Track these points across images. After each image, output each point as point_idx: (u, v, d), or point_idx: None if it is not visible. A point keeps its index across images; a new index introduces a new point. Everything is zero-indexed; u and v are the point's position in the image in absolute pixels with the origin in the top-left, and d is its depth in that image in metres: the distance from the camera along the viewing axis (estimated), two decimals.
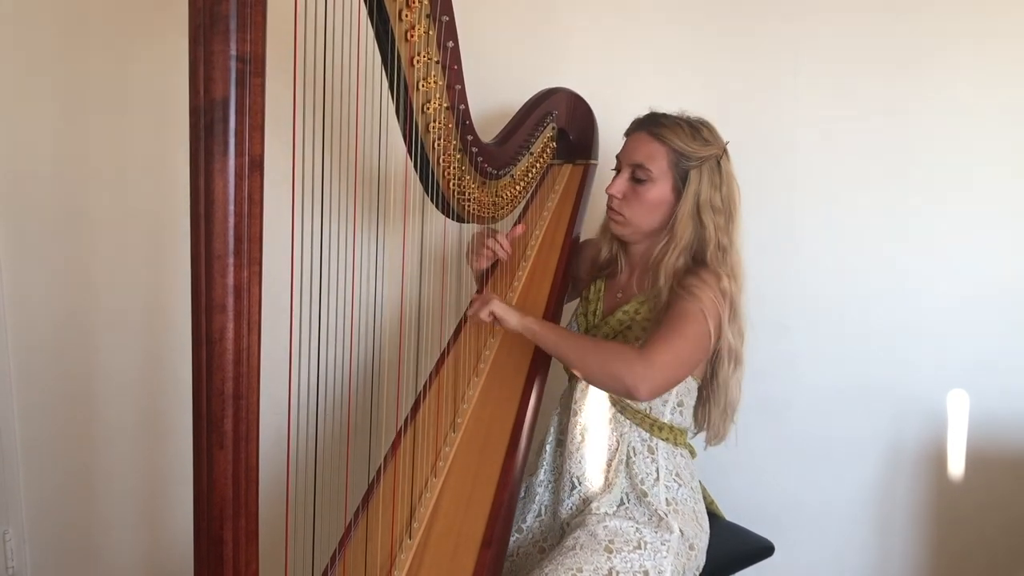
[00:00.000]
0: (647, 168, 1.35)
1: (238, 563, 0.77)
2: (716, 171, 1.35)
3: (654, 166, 1.35)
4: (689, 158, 1.34)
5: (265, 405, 0.79)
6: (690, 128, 1.35)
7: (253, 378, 0.76)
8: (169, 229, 1.99)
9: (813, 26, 1.75)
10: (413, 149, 1.23)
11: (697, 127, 1.36)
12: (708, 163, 1.34)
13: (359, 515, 1.19)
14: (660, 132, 1.35)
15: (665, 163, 1.35)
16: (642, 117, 1.41)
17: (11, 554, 2.16)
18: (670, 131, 1.35)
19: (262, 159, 0.73)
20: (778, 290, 1.80)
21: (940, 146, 1.73)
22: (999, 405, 1.76)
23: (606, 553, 1.25)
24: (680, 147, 1.34)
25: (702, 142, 1.35)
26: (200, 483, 0.76)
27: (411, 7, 1.07)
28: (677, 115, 1.39)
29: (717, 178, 1.35)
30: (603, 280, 1.50)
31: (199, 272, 0.72)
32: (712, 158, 1.35)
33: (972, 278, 1.75)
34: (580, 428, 1.39)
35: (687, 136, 1.34)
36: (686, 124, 1.36)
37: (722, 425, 1.39)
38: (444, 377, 1.37)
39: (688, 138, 1.34)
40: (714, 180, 1.34)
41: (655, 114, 1.40)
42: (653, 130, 1.36)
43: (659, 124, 1.36)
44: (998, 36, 1.68)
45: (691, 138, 1.34)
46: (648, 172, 1.35)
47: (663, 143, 1.34)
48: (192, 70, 0.70)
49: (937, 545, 1.85)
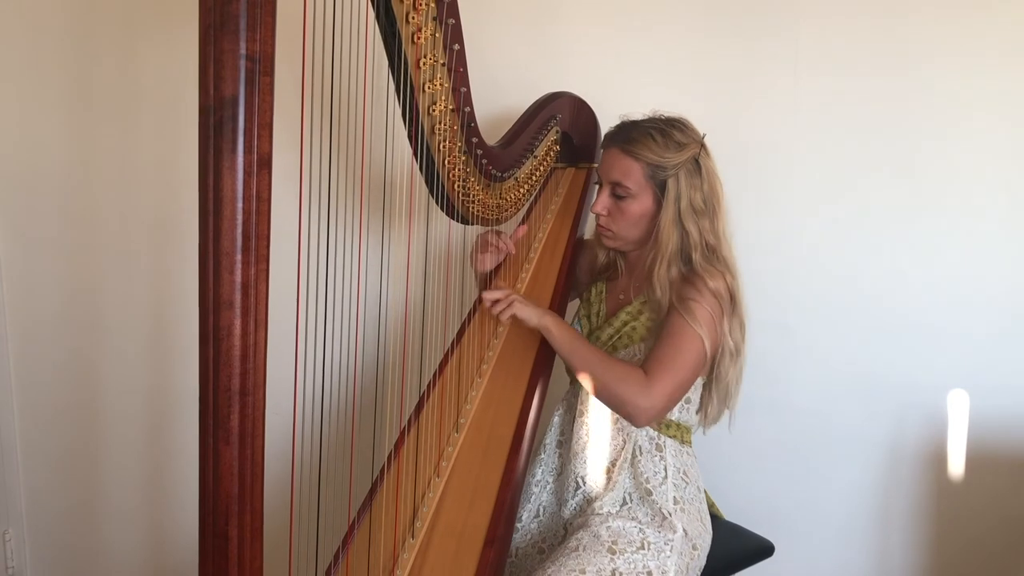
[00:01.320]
0: (625, 185, 1.35)
1: (243, 560, 0.78)
2: (694, 172, 1.34)
3: (631, 182, 1.34)
4: (665, 168, 1.33)
5: (271, 402, 0.79)
6: (662, 136, 1.33)
7: (259, 375, 0.76)
8: (176, 228, 1.99)
9: (813, 27, 1.76)
10: (419, 150, 1.23)
11: (668, 131, 1.34)
12: (685, 167, 1.33)
13: (363, 513, 1.20)
14: (631, 148, 1.34)
15: (642, 177, 1.34)
16: (613, 131, 1.40)
17: (11, 554, 2.16)
18: (641, 145, 1.33)
19: (270, 157, 0.73)
20: (778, 290, 1.81)
21: (941, 146, 1.74)
22: (999, 405, 1.76)
23: (609, 554, 1.25)
24: (654, 160, 1.33)
25: (676, 148, 1.33)
26: (206, 479, 0.76)
27: (418, 10, 1.08)
28: (648, 120, 1.37)
29: (696, 179, 1.34)
30: (604, 282, 1.51)
31: (207, 269, 0.73)
32: (688, 160, 1.33)
33: (972, 278, 1.75)
34: (586, 428, 1.40)
35: (659, 146, 1.33)
36: (657, 132, 1.34)
37: (718, 411, 1.40)
38: (448, 377, 1.38)
39: (661, 148, 1.33)
40: (693, 182, 1.33)
41: (625, 126, 1.38)
42: (625, 146, 1.35)
43: (630, 139, 1.35)
44: (999, 36, 1.69)
45: (664, 147, 1.33)
46: (627, 189, 1.35)
47: (636, 158, 1.34)
48: (202, 69, 0.70)
49: (937, 545, 1.85)
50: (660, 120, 1.37)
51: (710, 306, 1.29)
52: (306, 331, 0.94)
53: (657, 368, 1.26)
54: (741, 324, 1.35)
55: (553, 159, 1.66)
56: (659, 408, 1.26)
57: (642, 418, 1.26)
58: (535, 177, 1.60)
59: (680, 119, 1.38)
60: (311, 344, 0.97)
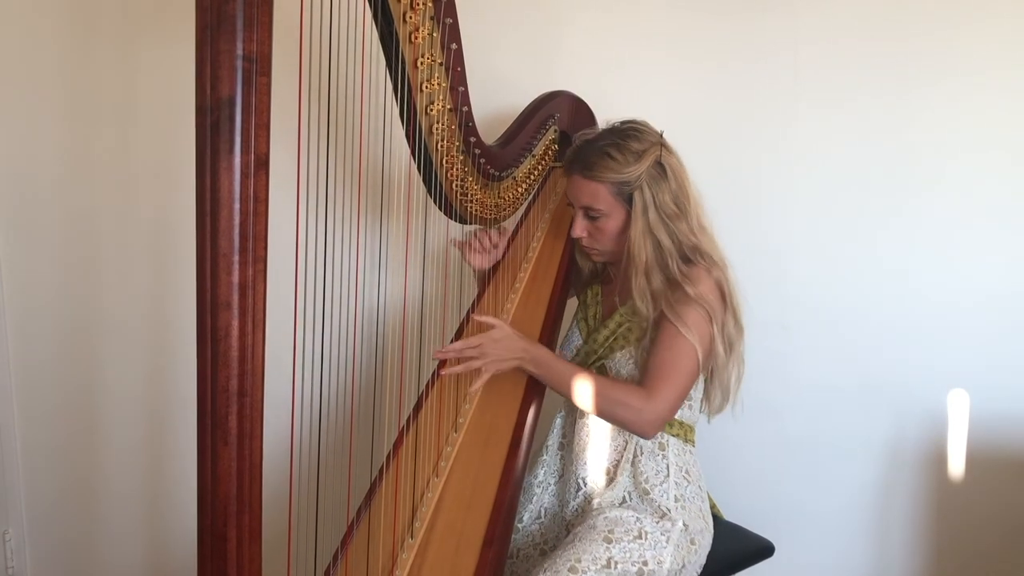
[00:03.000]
0: (596, 208, 1.35)
1: (241, 560, 0.78)
2: (659, 176, 1.33)
3: (601, 203, 1.35)
4: (629, 183, 1.32)
5: (269, 402, 0.79)
6: (618, 151, 1.32)
7: (257, 375, 0.76)
8: (173, 229, 1.99)
9: (813, 27, 1.75)
10: (416, 150, 1.23)
11: (624, 144, 1.33)
12: (648, 173, 1.32)
13: (361, 514, 1.20)
14: (592, 173, 1.34)
15: (609, 196, 1.34)
16: (571, 155, 1.40)
17: (11, 554, 2.16)
18: (601, 167, 1.33)
19: (267, 158, 0.73)
20: (777, 290, 1.80)
21: (940, 146, 1.73)
22: (999, 405, 1.76)
23: (605, 543, 1.25)
24: (617, 178, 1.32)
25: (634, 158, 1.32)
26: (204, 480, 0.76)
27: (415, 9, 1.08)
28: (602, 136, 1.36)
29: (663, 182, 1.33)
30: (599, 284, 1.52)
31: (204, 269, 0.73)
32: (651, 166, 1.32)
33: (972, 278, 1.75)
34: (586, 430, 1.40)
35: (618, 163, 1.32)
36: (613, 148, 1.33)
37: (723, 400, 1.41)
38: (446, 376, 1.38)
39: (620, 164, 1.32)
40: (660, 186, 1.32)
41: (581, 150, 1.37)
42: (585, 173, 1.35)
43: (588, 164, 1.34)
44: (1000, 36, 1.69)
45: (623, 163, 1.32)
46: (598, 211, 1.36)
47: (600, 181, 1.33)
48: (199, 69, 0.70)
49: (937, 545, 1.85)
50: (614, 132, 1.36)
51: (698, 312, 1.29)
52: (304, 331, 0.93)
53: (655, 380, 1.27)
54: (736, 316, 1.34)
55: (551, 158, 1.66)
56: (664, 418, 1.29)
57: (650, 431, 1.29)
58: (533, 176, 1.60)
59: (634, 124, 1.37)
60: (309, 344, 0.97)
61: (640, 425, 1.28)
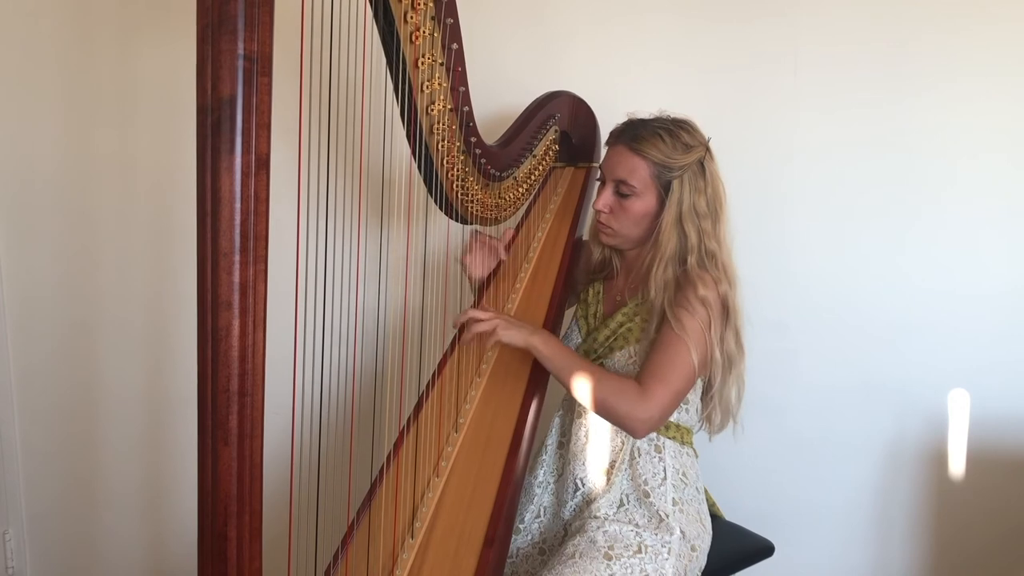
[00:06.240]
0: (630, 183, 1.34)
1: (242, 560, 0.78)
2: (699, 175, 1.33)
3: (636, 180, 1.34)
4: (671, 168, 1.32)
5: (269, 402, 0.79)
6: (670, 136, 1.33)
7: (258, 375, 0.76)
8: (174, 228, 1.99)
9: (813, 27, 1.76)
10: (417, 150, 1.23)
11: (676, 132, 1.34)
12: (690, 169, 1.33)
13: (362, 514, 1.20)
14: (639, 146, 1.33)
15: (647, 176, 1.33)
16: (620, 127, 1.39)
17: (11, 554, 2.16)
18: (649, 143, 1.32)
19: (268, 157, 0.73)
20: (778, 290, 1.80)
21: (940, 148, 1.74)
22: (999, 405, 1.76)
23: (605, 560, 1.25)
24: (661, 159, 1.32)
25: (683, 149, 1.32)
26: (204, 480, 0.76)
27: (416, 9, 1.08)
28: (656, 120, 1.36)
29: (701, 181, 1.33)
30: (601, 283, 1.51)
31: (205, 269, 0.73)
32: (694, 163, 1.33)
33: (972, 278, 1.75)
34: (584, 430, 1.40)
35: (667, 146, 1.32)
36: (665, 132, 1.33)
37: (724, 419, 1.40)
38: (447, 377, 1.38)
39: (668, 148, 1.32)
40: (697, 185, 1.33)
41: (633, 123, 1.37)
42: (632, 144, 1.34)
43: (638, 137, 1.34)
44: (1000, 36, 1.69)
45: (671, 148, 1.32)
46: (631, 187, 1.34)
47: (643, 157, 1.33)
48: (200, 69, 0.70)
49: (937, 545, 1.85)
50: (668, 120, 1.36)
51: (699, 315, 1.28)
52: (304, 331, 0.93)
53: (651, 380, 1.26)
54: (737, 335, 1.34)
55: (552, 158, 1.66)
56: (656, 419, 1.27)
57: (641, 430, 1.27)
58: (534, 176, 1.60)
59: (687, 121, 1.37)
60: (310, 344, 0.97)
61: (633, 420, 1.25)
